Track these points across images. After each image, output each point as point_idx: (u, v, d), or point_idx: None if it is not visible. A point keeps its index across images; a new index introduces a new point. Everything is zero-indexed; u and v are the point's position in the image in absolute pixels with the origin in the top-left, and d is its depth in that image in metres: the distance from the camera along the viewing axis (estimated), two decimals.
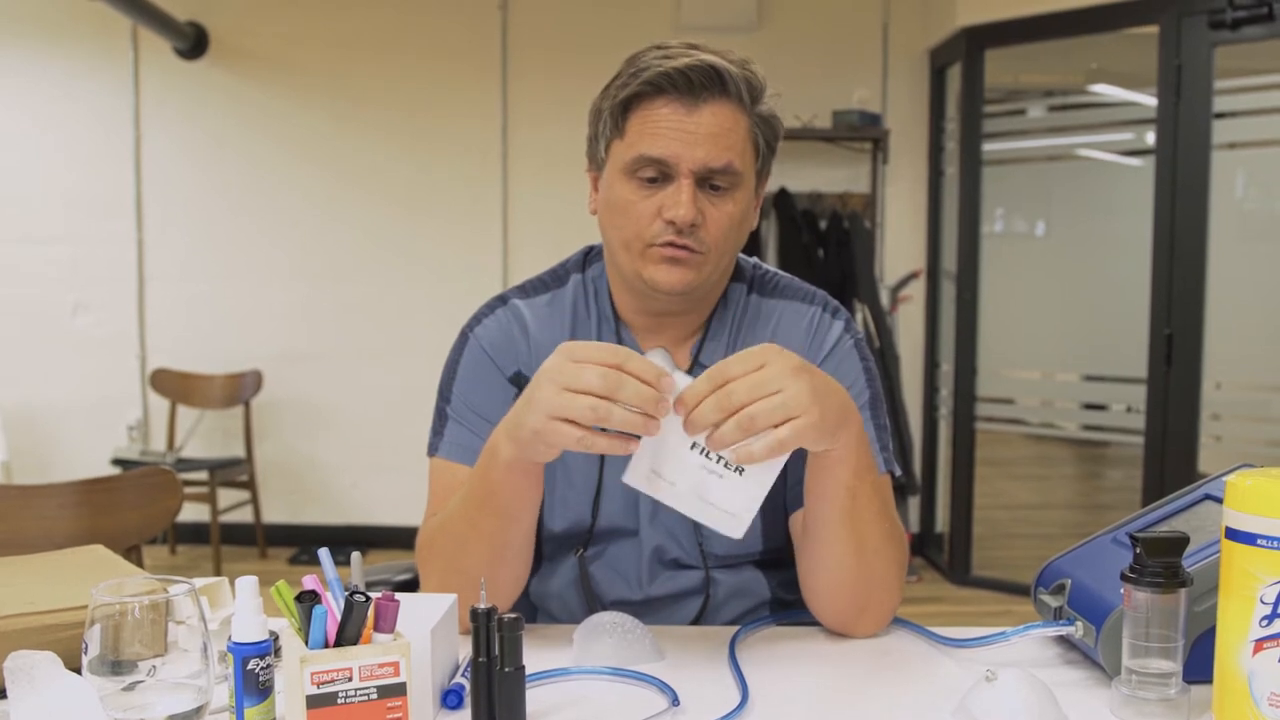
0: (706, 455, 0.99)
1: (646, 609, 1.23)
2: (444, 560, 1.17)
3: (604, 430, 0.97)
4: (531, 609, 1.30)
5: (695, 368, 1.25)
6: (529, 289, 1.30)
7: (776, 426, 0.96)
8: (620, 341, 1.25)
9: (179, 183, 4.82)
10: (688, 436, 0.98)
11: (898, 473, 1.26)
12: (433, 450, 1.26)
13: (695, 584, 1.24)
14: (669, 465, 0.99)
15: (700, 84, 1.13)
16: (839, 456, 1.06)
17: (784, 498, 1.24)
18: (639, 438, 0.97)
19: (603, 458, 1.22)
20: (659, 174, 1.15)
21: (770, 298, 1.29)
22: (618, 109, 1.17)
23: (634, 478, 1.01)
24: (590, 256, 1.31)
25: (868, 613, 1.16)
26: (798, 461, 1.12)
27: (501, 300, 1.30)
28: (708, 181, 1.15)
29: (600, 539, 1.25)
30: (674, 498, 1.00)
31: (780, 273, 1.32)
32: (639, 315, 1.26)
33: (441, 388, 1.28)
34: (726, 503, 1.00)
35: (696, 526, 1.22)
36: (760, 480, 0.99)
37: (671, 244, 1.15)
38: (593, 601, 1.24)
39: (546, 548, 1.27)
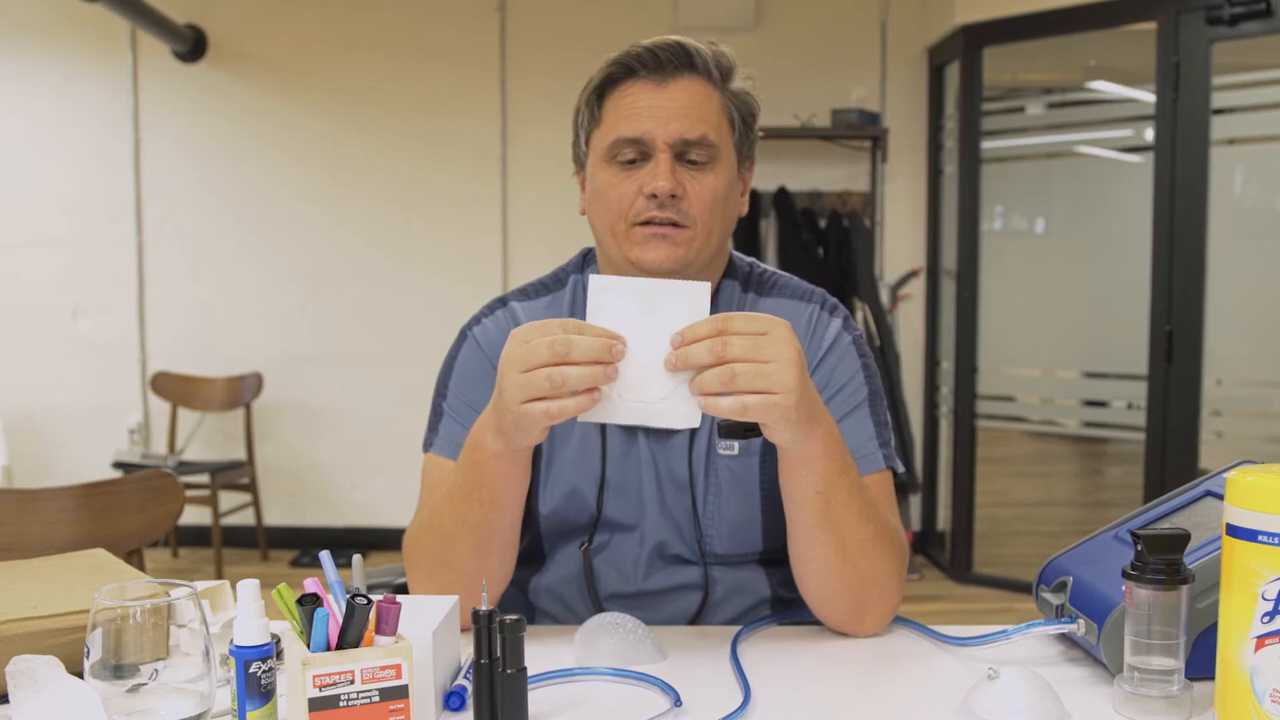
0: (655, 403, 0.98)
1: (642, 602, 1.23)
2: (431, 557, 1.17)
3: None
4: (529, 607, 1.30)
5: None
6: (529, 291, 1.32)
7: (751, 394, 0.96)
8: None
9: (178, 186, 4.82)
10: (645, 378, 0.97)
11: (899, 469, 1.25)
12: (427, 446, 1.28)
13: (694, 579, 1.24)
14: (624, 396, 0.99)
15: (668, 61, 1.18)
16: (805, 459, 1.06)
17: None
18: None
19: (604, 452, 1.23)
20: (638, 154, 1.17)
21: (767, 296, 1.28)
22: (593, 98, 1.21)
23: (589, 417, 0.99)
24: (589, 258, 1.32)
25: (865, 614, 1.16)
26: None
27: (501, 302, 1.31)
28: (685, 156, 1.17)
29: (604, 531, 1.24)
30: (613, 414, 0.99)
31: (778, 272, 1.32)
32: None
33: (439, 385, 1.30)
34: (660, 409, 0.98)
35: (697, 524, 1.23)
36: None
37: (654, 221, 1.16)
38: (594, 596, 1.24)
39: (547, 542, 1.27)
